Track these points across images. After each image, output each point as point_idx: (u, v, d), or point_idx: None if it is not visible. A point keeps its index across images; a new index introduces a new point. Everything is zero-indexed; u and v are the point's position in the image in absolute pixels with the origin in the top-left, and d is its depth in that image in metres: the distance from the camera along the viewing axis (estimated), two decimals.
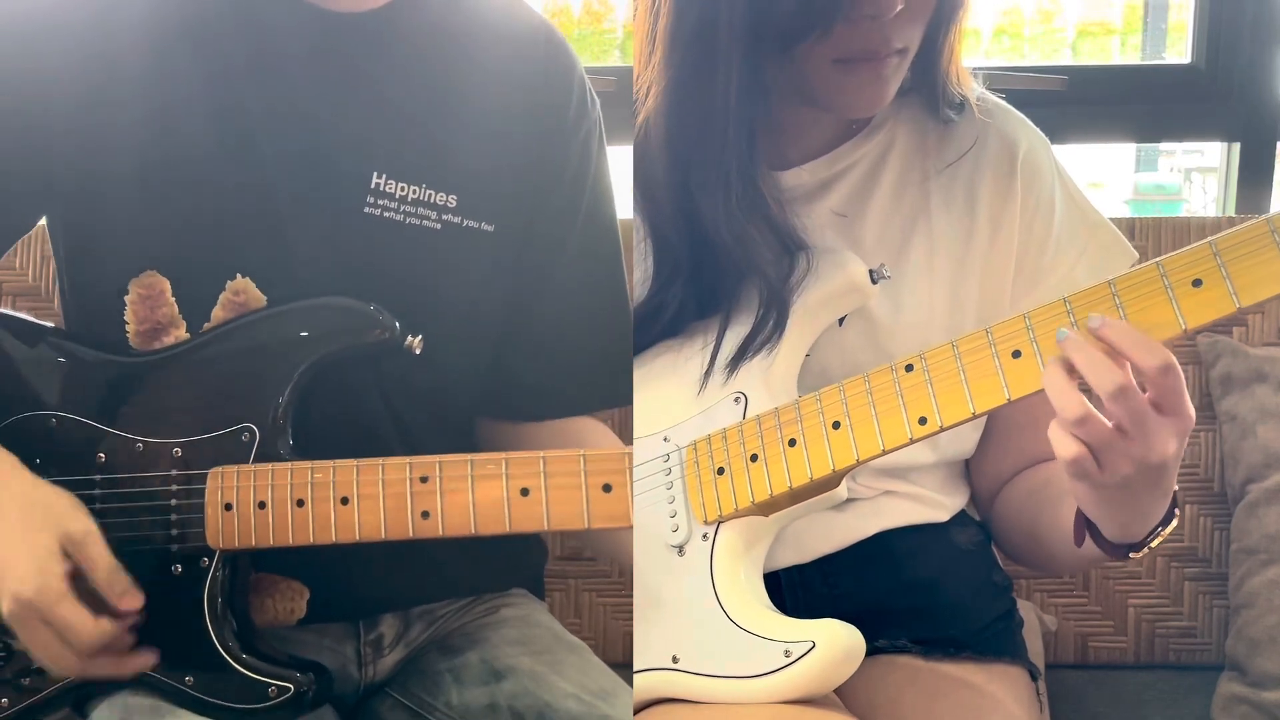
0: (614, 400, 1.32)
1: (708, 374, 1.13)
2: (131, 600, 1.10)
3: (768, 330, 1.12)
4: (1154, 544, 1.05)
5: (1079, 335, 0.96)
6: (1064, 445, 0.96)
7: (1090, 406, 0.94)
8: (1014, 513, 1.25)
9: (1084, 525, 1.06)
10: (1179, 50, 2.11)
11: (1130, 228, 1.41)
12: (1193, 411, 0.96)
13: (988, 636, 1.22)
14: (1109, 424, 0.95)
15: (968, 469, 1.28)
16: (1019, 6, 2.94)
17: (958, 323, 1.19)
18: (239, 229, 1.17)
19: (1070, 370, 0.96)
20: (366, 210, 1.19)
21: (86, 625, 1.07)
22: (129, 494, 1.14)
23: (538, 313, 1.28)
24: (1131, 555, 1.06)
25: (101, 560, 1.09)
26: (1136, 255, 1.25)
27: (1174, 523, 1.05)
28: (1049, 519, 1.16)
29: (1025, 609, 1.39)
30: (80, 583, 1.09)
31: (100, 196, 1.18)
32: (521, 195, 1.25)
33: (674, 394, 1.15)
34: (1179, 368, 0.94)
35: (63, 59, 1.17)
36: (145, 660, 1.12)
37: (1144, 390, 0.95)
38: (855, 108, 1.14)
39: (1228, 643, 1.56)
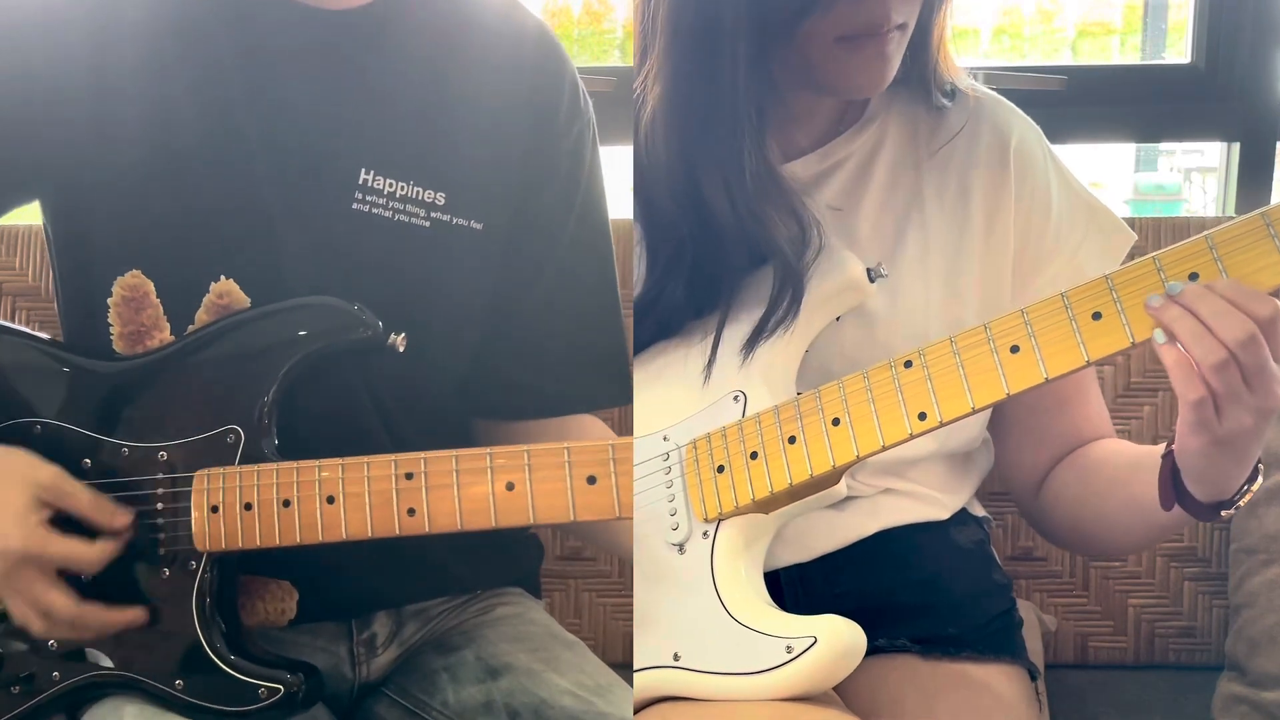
0: (608, 399, 1.31)
1: (710, 365, 1.13)
2: (122, 517, 1.12)
3: (784, 308, 1.12)
4: (1242, 503, 1.05)
5: (1194, 285, 0.96)
6: (1191, 388, 0.96)
7: (1233, 352, 0.94)
8: (1067, 498, 1.25)
9: (1172, 488, 1.06)
10: (1179, 50, 2.11)
11: (1130, 228, 1.41)
12: None
13: (987, 635, 1.22)
14: (1239, 374, 0.95)
15: (968, 465, 1.27)
16: (1019, 6, 2.94)
17: (955, 314, 1.19)
18: (224, 229, 1.17)
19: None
20: (355, 206, 1.18)
21: (85, 552, 1.10)
22: (116, 499, 1.13)
23: (528, 311, 1.27)
24: (1222, 514, 1.05)
25: (79, 493, 1.11)
26: (1135, 237, 1.26)
27: (1259, 480, 1.05)
28: (1119, 497, 1.17)
29: (1025, 609, 1.39)
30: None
31: (89, 194, 1.17)
32: (510, 194, 1.24)
33: (673, 393, 1.15)
34: None
35: (57, 53, 1.16)
36: (137, 614, 1.12)
37: None
38: (859, 87, 1.15)
39: (1228, 643, 1.56)
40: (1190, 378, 0.96)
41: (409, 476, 1.08)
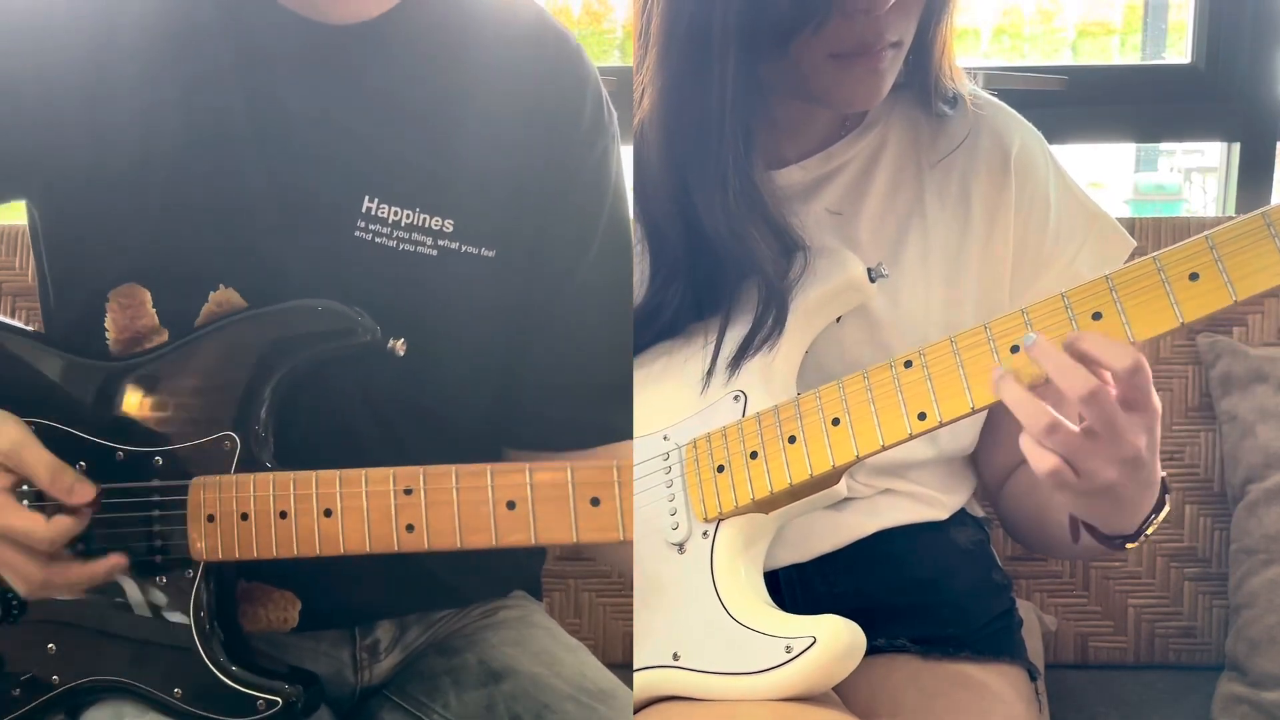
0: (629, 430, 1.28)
1: (710, 373, 1.13)
2: (82, 493, 1.08)
3: (767, 328, 1.12)
4: (1149, 532, 1.06)
5: (1044, 340, 0.96)
6: (1039, 459, 0.97)
7: (1057, 415, 0.95)
8: (1019, 503, 1.26)
9: (1078, 523, 1.07)
10: (1179, 50, 2.11)
11: (1130, 228, 1.41)
12: (1159, 404, 0.98)
13: (987, 636, 1.22)
14: (1076, 430, 0.95)
15: (968, 467, 1.28)
16: (1019, 6, 2.95)
17: (955, 318, 1.19)
18: (223, 245, 1.14)
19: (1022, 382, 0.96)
20: (357, 234, 1.14)
21: (40, 526, 1.05)
22: (110, 504, 1.11)
23: (551, 342, 1.22)
24: (1127, 546, 1.07)
25: (40, 463, 1.07)
26: (1135, 244, 1.26)
27: (1166, 509, 1.06)
28: (1053, 512, 1.17)
29: (1025, 609, 1.39)
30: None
31: (83, 198, 1.15)
32: (525, 219, 1.19)
33: (674, 394, 1.15)
34: (1148, 365, 0.95)
35: (54, 56, 1.15)
36: (114, 562, 1.09)
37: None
38: (852, 102, 1.14)
39: (1228, 643, 1.56)
40: (1037, 449, 0.96)
41: (408, 492, 1.06)
